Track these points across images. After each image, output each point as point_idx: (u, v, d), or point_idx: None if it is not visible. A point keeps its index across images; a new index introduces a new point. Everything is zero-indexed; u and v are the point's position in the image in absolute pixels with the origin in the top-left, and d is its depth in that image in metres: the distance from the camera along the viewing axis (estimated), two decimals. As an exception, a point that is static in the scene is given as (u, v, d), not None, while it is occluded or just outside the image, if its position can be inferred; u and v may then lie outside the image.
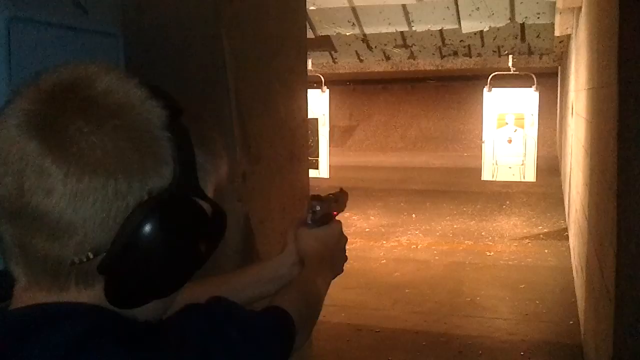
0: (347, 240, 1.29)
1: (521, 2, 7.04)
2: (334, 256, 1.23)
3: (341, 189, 1.33)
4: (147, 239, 0.65)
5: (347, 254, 1.28)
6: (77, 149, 0.63)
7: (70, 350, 0.62)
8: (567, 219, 7.69)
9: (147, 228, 0.65)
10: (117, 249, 0.65)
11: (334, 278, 1.22)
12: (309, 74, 3.28)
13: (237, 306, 0.81)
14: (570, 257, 6.25)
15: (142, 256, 0.66)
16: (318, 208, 1.21)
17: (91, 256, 0.65)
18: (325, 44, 8.60)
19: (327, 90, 9.27)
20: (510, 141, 8.28)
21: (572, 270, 5.83)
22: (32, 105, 0.65)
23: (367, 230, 8.33)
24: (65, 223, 0.63)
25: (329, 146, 9.34)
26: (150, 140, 0.67)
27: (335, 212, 1.27)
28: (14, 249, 0.66)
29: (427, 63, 9.93)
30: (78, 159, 0.63)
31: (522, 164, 8.23)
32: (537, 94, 8.25)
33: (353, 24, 7.89)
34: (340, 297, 5.17)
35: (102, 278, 0.66)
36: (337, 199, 1.28)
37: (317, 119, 8.87)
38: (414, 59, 9.69)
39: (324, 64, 10.03)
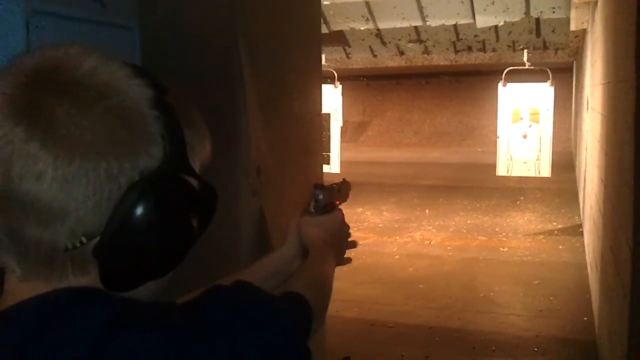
0: (349, 228, 1.31)
1: (536, -3, 6.98)
2: (336, 244, 1.25)
3: (344, 179, 1.36)
4: (141, 220, 0.64)
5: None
6: (66, 132, 0.61)
7: (102, 334, 0.62)
8: (581, 215, 7.63)
9: (141, 208, 0.64)
10: (111, 231, 0.64)
11: (336, 266, 1.24)
12: (322, 69, 3.27)
13: (260, 289, 0.82)
14: (585, 253, 6.21)
15: (137, 237, 0.65)
16: (321, 196, 1.23)
17: (85, 241, 0.64)
18: (339, 39, 8.58)
19: (340, 86, 9.26)
20: (525, 136, 8.22)
21: (586, 267, 5.79)
22: (14, 90, 0.63)
23: (380, 225, 8.33)
24: (57, 208, 0.62)
25: (341, 141, 9.34)
26: (139, 120, 0.65)
27: (337, 202, 1.30)
28: (4, 238, 0.65)
29: (441, 58, 9.86)
30: (68, 142, 0.61)
31: (537, 159, 8.17)
32: (552, 88, 8.19)
33: (367, 18, 7.86)
34: (353, 292, 5.18)
35: (97, 263, 0.65)
36: (340, 189, 1.31)
37: (329, 114, 8.86)
38: (428, 54, 9.63)
39: (337, 59, 10.00)
